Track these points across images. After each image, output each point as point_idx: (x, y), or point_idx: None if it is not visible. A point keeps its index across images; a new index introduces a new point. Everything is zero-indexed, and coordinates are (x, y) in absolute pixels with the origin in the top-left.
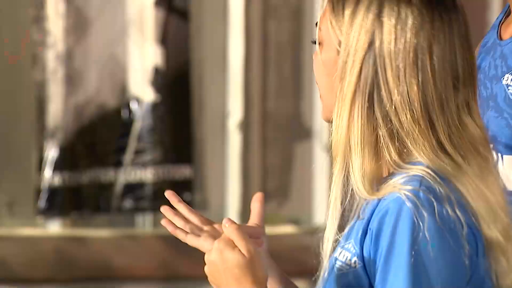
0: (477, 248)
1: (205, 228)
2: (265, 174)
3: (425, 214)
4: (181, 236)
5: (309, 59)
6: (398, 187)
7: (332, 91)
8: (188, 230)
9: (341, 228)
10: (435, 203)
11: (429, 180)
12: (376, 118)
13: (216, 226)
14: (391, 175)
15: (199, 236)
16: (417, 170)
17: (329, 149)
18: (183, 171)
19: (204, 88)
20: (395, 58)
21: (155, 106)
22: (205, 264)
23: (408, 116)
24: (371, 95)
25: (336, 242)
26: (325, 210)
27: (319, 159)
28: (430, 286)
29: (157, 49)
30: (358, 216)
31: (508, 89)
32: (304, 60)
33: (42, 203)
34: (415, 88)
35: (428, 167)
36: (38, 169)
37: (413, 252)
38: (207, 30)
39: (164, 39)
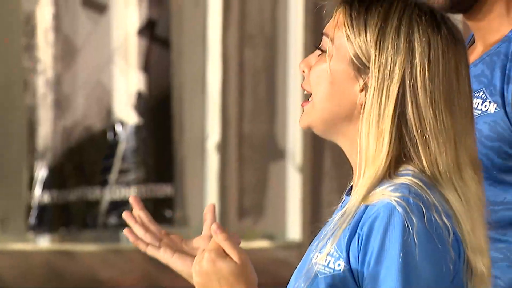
0: (459, 253)
1: (164, 239)
2: (242, 192)
3: (415, 219)
4: (141, 246)
5: (282, 84)
6: (388, 194)
7: (332, 100)
8: (148, 240)
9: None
10: (423, 209)
11: (417, 188)
12: (401, 137)
13: (172, 236)
14: (379, 183)
15: (157, 247)
16: (404, 179)
17: (357, 161)
18: (165, 189)
19: (184, 112)
20: (429, 84)
21: (138, 129)
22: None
23: (434, 138)
24: (403, 115)
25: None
26: (301, 226)
27: (292, 178)
28: (419, 287)
29: (140, 75)
30: (346, 221)
31: (474, 111)
32: (278, 85)
33: (32, 219)
34: (445, 113)
35: (414, 176)
36: (29, 187)
37: (403, 255)
38: (187, 57)
39: (147, 65)
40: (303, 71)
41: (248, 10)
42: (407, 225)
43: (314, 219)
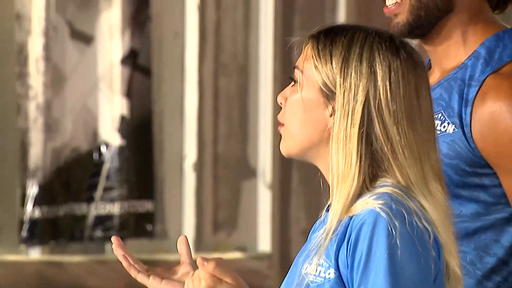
0: (439, 255)
1: (150, 271)
2: (216, 208)
3: (397, 224)
4: (133, 273)
5: (254, 109)
6: (371, 202)
7: (306, 128)
8: (138, 268)
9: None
10: (405, 214)
11: (397, 196)
12: (371, 153)
13: (157, 269)
14: (359, 196)
15: (147, 276)
16: (385, 189)
17: (331, 179)
18: (146, 205)
19: (164, 134)
20: (391, 104)
21: (121, 150)
22: None
23: (401, 150)
24: (369, 133)
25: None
26: (271, 239)
27: (263, 195)
28: (406, 286)
29: (123, 101)
30: (329, 234)
31: None
32: (249, 110)
33: (24, 233)
34: (408, 130)
35: (393, 186)
36: (21, 203)
37: (389, 257)
38: (166, 84)
39: (130, 92)
40: (281, 103)
41: (222, 42)
42: (391, 229)
43: (283, 232)
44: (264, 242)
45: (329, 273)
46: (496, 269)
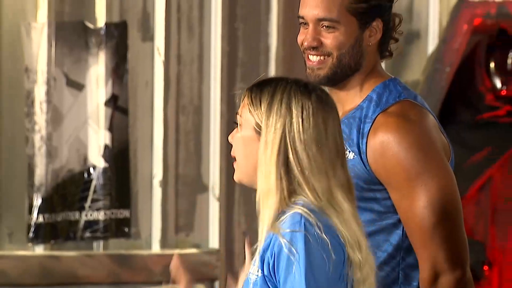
0: (344, 256)
1: None
2: (177, 215)
3: (309, 237)
4: None
5: (206, 140)
6: (288, 220)
7: (248, 159)
8: None
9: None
10: (312, 229)
11: (305, 214)
12: (287, 175)
13: None
14: (281, 212)
15: None
16: (297, 209)
17: (257, 196)
18: (124, 213)
19: (137, 159)
20: (303, 135)
21: (105, 171)
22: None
23: (312, 173)
24: (286, 159)
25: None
26: (219, 238)
27: (212, 205)
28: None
29: (106, 134)
30: (260, 244)
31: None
32: (203, 141)
33: (31, 234)
34: (318, 155)
35: (303, 206)
36: (29, 212)
37: (305, 262)
38: (139, 121)
39: (111, 127)
40: (230, 142)
41: (182, 89)
42: (304, 241)
43: (228, 233)
44: (214, 241)
45: (258, 271)
46: (387, 262)
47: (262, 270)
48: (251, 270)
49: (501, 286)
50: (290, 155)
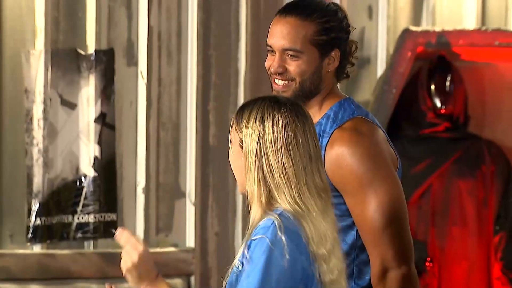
0: (309, 256)
1: None
2: (158, 218)
3: (272, 234)
4: None
5: (183, 152)
6: (262, 226)
7: (240, 171)
8: None
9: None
10: (280, 235)
11: (275, 218)
12: (263, 181)
13: None
14: (262, 217)
15: None
16: (271, 216)
17: (247, 201)
18: (111, 216)
19: (123, 169)
20: (274, 144)
21: (94, 179)
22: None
23: (283, 178)
24: (261, 168)
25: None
26: (195, 238)
27: (189, 209)
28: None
29: (96, 147)
30: (245, 242)
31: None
32: (180, 153)
33: (30, 235)
34: (288, 161)
35: (280, 214)
36: (28, 215)
37: (265, 262)
38: (125, 136)
39: (100, 141)
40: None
41: (162, 108)
42: (270, 245)
43: (202, 234)
44: (190, 240)
45: (239, 266)
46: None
47: (242, 264)
48: (235, 264)
49: (441, 279)
50: (264, 164)
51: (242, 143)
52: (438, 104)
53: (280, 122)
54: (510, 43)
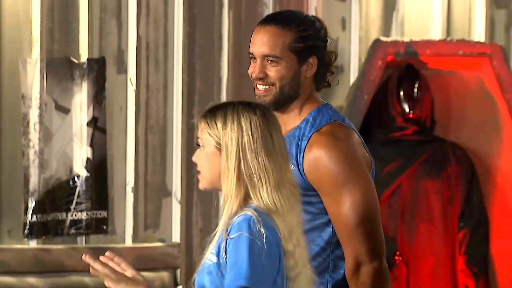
0: (280, 255)
1: None
2: (146, 215)
3: (253, 233)
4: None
5: (170, 154)
6: (239, 220)
7: (213, 171)
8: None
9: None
10: (257, 227)
11: (253, 215)
12: (243, 179)
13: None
14: (238, 212)
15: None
16: (247, 211)
17: (223, 198)
18: (102, 213)
19: (114, 169)
20: (253, 145)
21: (87, 179)
22: None
23: (262, 177)
24: (241, 167)
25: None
26: (180, 234)
27: (175, 207)
28: (259, 268)
29: (88, 149)
30: (216, 236)
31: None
32: (167, 155)
33: (26, 231)
34: (267, 160)
35: (255, 209)
36: (25, 213)
37: (249, 253)
38: (115, 139)
39: (92, 143)
40: (195, 161)
41: (150, 112)
42: (250, 237)
43: (187, 230)
44: (176, 236)
45: (213, 258)
46: (319, 254)
47: (218, 257)
48: (209, 257)
49: (409, 272)
50: (243, 164)
51: (218, 146)
52: (407, 109)
53: (257, 124)
54: (473, 53)
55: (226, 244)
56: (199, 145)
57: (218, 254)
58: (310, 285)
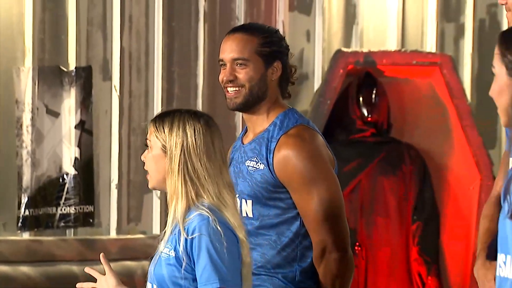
0: (238, 242)
1: None
2: (129, 210)
3: (210, 229)
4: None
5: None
6: (196, 218)
7: (159, 171)
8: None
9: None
10: (213, 224)
11: (207, 213)
12: (189, 180)
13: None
14: (189, 210)
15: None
16: (201, 209)
17: (167, 197)
18: (89, 208)
19: (99, 168)
20: (196, 149)
21: (75, 177)
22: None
23: (206, 178)
24: (186, 169)
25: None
26: (160, 227)
27: (155, 203)
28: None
29: (76, 149)
30: (167, 232)
31: (248, 167)
32: None
33: (20, 224)
34: (209, 163)
35: (205, 206)
36: (18, 207)
37: (211, 248)
38: (101, 140)
39: (80, 144)
40: (143, 161)
41: (132, 115)
42: (211, 238)
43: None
44: (156, 229)
45: (171, 252)
46: (288, 245)
47: (175, 251)
48: (163, 251)
49: (368, 261)
50: (189, 166)
51: (164, 148)
52: (365, 113)
53: (201, 131)
54: (426, 62)
55: (185, 243)
56: (148, 146)
57: (175, 249)
58: (250, 273)
